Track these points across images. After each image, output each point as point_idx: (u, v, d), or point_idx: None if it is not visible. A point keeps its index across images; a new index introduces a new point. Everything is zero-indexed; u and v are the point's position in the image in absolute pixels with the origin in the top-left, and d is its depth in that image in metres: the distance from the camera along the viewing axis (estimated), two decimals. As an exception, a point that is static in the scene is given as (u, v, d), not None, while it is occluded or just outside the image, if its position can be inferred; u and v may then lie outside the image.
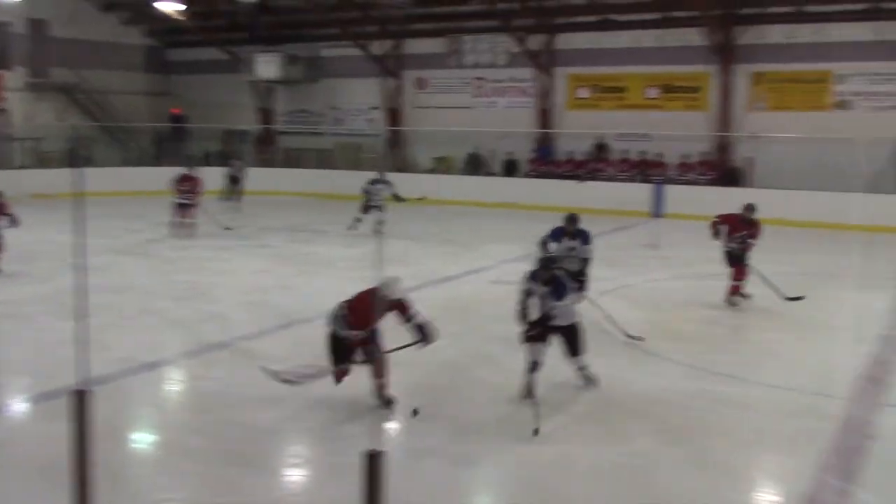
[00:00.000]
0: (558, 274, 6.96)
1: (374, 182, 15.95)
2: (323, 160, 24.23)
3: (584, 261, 9.14)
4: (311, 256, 13.84)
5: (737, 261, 10.34)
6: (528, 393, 6.58)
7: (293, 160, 24.75)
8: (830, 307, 10.42)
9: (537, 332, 6.73)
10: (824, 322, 9.75)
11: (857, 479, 5.53)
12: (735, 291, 10.42)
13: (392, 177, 16.60)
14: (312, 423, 6.32)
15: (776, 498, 5.50)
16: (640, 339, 8.61)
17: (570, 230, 9.05)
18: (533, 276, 6.86)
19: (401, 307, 6.49)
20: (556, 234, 9.02)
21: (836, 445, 6.05)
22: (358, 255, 13.37)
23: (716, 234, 10.43)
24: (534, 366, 6.66)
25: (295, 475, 5.69)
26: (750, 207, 10.41)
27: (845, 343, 8.82)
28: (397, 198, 15.77)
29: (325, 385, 6.54)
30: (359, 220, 15.78)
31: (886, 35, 17.92)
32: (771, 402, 7.07)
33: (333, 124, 25.47)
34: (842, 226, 16.63)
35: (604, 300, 9.99)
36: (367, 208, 15.76)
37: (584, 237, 9.13)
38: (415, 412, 6.36)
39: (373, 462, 3.06)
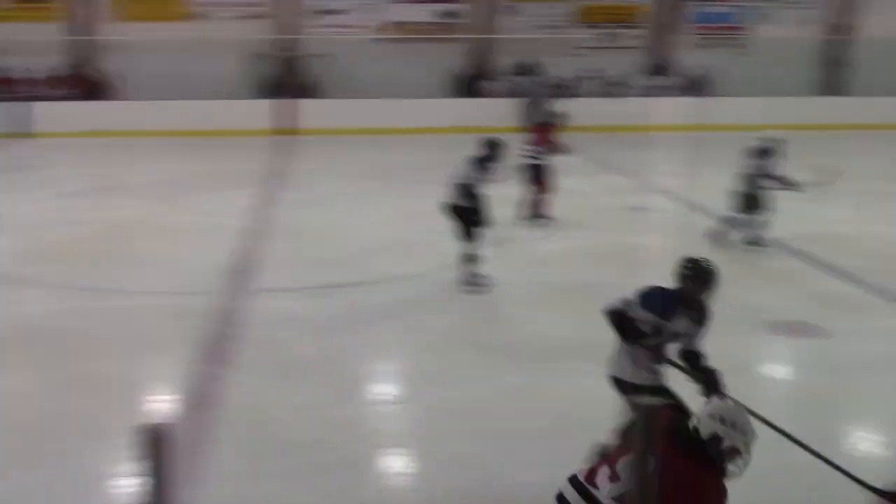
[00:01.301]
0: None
1: None
2: None
3: None
4: None
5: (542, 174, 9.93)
6: None
7: None
8: (197, 210, 10.97)
9: None
10: (192, 225, 10.18)
11: (230, 363, 6.10)
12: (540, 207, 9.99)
13: None
14: None
15: (166, 398, 5.60)
16: None
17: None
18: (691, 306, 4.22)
19: None
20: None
21: (209, 336, 6.56)
22: None
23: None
24: None
25: None
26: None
27: (213, 241, 9.29)
28: None
29: None
30: None
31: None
32: (148, 309, 7.30)
33: None
34: (211, 132, 17.27)
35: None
36: None
37: None
38: None
39: None
